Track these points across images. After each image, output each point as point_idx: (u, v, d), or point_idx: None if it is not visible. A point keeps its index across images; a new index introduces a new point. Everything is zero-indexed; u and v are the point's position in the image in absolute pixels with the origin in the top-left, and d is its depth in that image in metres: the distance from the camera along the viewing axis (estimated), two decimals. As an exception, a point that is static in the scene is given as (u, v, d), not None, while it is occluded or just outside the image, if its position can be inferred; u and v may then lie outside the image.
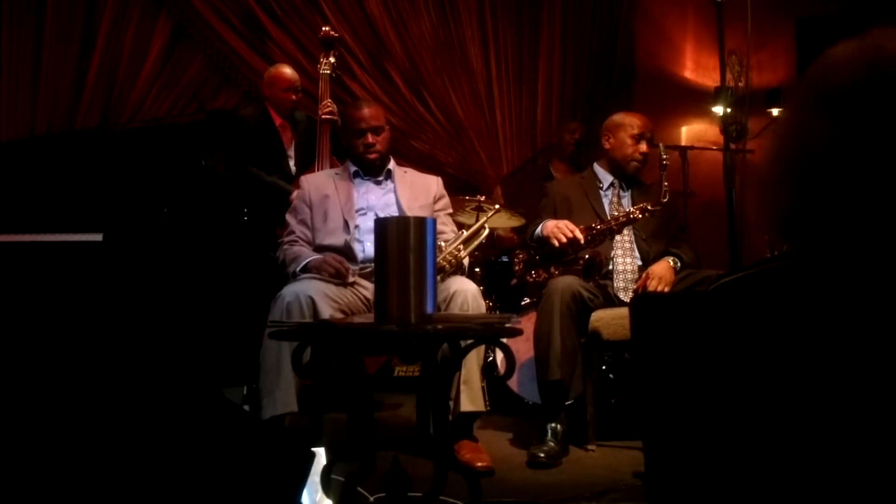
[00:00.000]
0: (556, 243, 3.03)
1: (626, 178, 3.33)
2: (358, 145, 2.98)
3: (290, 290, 2.68)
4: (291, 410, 2.65)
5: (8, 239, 2.79)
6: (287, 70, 4.22)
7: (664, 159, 3.16)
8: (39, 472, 1.41)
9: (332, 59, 3.96)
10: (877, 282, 0.85)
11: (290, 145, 4.18)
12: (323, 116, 3.86)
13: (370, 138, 2.96)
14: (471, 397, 2.71)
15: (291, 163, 4.12)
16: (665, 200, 3.10)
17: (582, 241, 3.04)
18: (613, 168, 3.34)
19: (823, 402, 0.86)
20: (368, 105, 3.08)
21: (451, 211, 3.11)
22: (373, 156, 2.96)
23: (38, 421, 1.48)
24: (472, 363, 2.68)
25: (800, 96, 0.96)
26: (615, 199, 3.31)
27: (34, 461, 1.42)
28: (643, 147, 3.29)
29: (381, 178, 3.07)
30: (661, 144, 3.25)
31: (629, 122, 3.33)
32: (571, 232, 3.03)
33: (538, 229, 3.16)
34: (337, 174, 3.09)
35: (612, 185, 3.34)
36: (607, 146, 3.35)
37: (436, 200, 3.04)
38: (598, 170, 3.39)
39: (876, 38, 0.92)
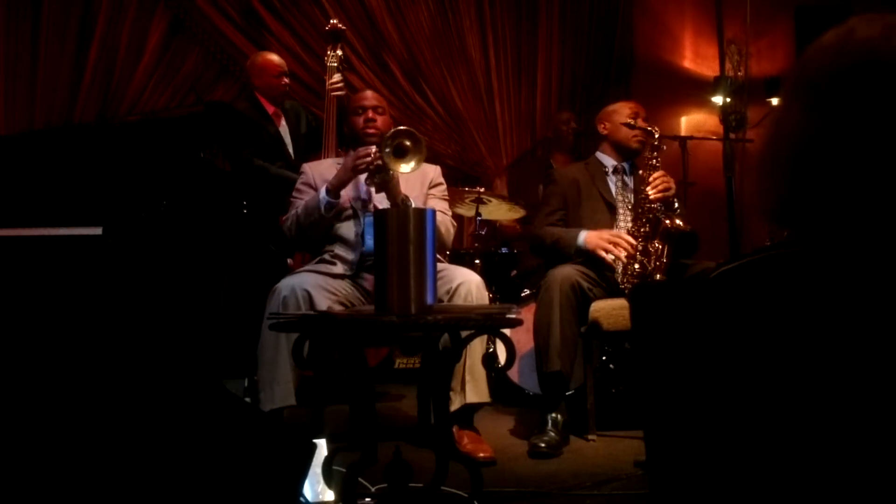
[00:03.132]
0: (619, 257, 2.98)
1: (630, 157, 3.34)
2: (358, 122, 3.03)
3: (286, 284, 2.68)
4: (289, 404, 2.66)
5: (8, 233, 2.79)
6: (274, 56, 4.23)
7: (655, 151, 3.16)
8: (41, 462, 1.42)
9: (339, 52, 3.95)
10: (873, 268, 0.85)
11: (286, 133, 4.18)
12: (332, 94, 3.84)
13: (370, 114, 3.03)
14: (475, 388, 2.72)
15: (290, 150, 4.12)
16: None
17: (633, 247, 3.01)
18: (617, 149, 3.34)
19: (824, 389, 0.86)
20: (371, 91, 3.21)
21: (446, 196, 3.11)
22: (371, 130, 2.98)
23: (40, 414, 1.48)
24: (477, 354, 2.68)
25: (790, 85, 0.97)
26: (620, 184, 3.32)
27: (36, 452, 1.42)
28: (640, 123, 3.32)
29: (379, 189, 3.07)
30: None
31: (620, 108, 3.39)
32: (627, 245, 2.99)
33: (580, 240, 3.07)
34: (338, 164, 3.09)
35: (616, 169, 3.35)
36: (605, 131, 3.38)
37: (431, 186, 3.05)
38: (601, 156, 3.39)
39: (850, 25, 0.93)
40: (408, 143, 2.71)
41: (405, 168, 2.71)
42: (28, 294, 2.72)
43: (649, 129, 3.24)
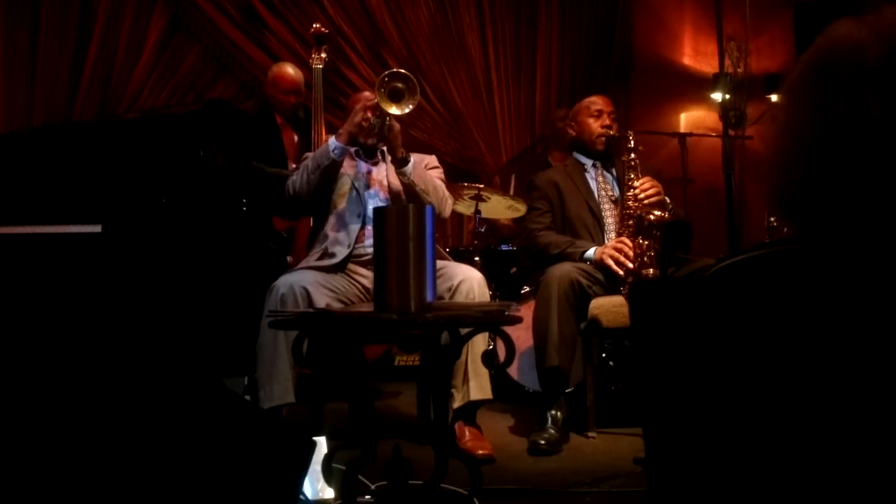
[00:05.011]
0: (622, 268, 2.97)
1: (600, 157, 3.35)
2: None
3: (285, 281, 2.69)
4: (288, 402, 2.66)
5: (7, 231, 2.79)
6: (289, 70, 4.14)
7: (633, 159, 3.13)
8: (41, 461, 1.42)
9: (323, 55, 3.99)
10: (881, 266, 0.85)
11: (292, 145, 4.15)
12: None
13: (369, 113, 3.02)
14: (479, 385, 2.73)
15: (292, 165, 4.08)
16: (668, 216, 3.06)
17: (632, 254, 3.00)
18: (586, 151, 3.35)
19: (823, 386, 0.86)
20: (371, 92, 3.17)
21: (443, 178, 3.12)
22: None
23: (39, 412, 1.48)
24: (479, 351, 2.69)
25: (810, 77, 0.95)
26: (601, 179, 3.32)
27: (36, 450, 1.42)
28: (605, 120, 3.31)
29: (377, 159, 3.09)
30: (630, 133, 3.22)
31: (586, 104, 3.39)
32: (629, 249, 2.98)
33: (590, 253, 3.07)
34: None
35: (594, 165, 3.35)
36: (573, 133, 3.40)
37: (428, 169, 3.06)
38: (578, 156, 3.40)
39: (891, 17, 0.92)
40: (401, 85, 2.76)
41: (397, 111, 2.76)
42: (27, 292, 2.72)
43: (611, 134, 3.25)
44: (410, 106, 2.76)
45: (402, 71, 2.81)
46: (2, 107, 5.13)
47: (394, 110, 2.76)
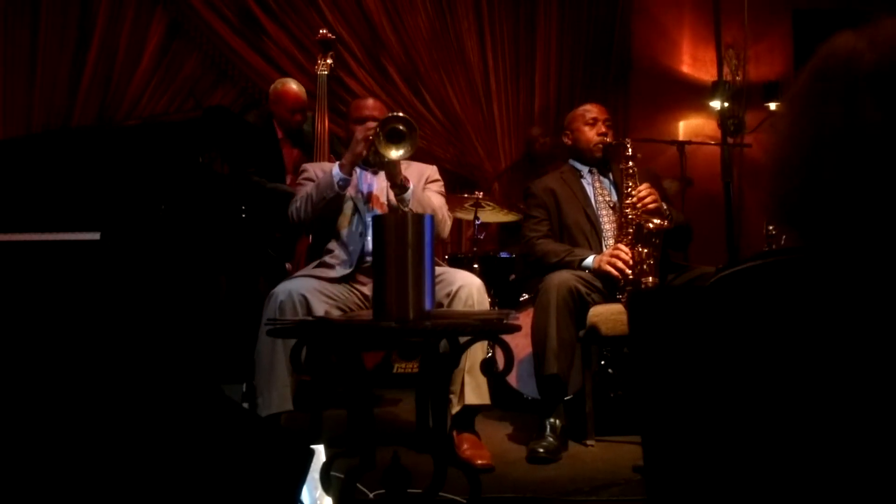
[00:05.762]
0: (621, 273, 2.98)
1: (597, 164, 3.35)
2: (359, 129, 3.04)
3: (283, 289, 2.68)
4: (286, 409, 2.65)
5: (6, 238, 2.78)
6: (293, 87, 4.12)
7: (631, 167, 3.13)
8: (37, 468, 1.41)
9: (329, 61, 3.97)
10: (882, 274, 0.85)
11: (291, 159, 4.14)
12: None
13: (370, 124, 3.01)
14: (476, 390, 2.72)
15: (289, 179, 4.08)
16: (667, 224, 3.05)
17: (631, 260, 3.00)
18: (583, 159, 3.36)
19: (824, 396, 0.85)
20: (374, 99, 3.21)
21: (443, 192, 3.11)
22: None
23: (38, 419, 1.48)
24: (477, 357, 2.68)
25: (808, 85, 0.96)
26: (598, 185, 3.32)
27: (33, 457, 1.42)
28: (600, 128, 3.32)
29: (378, 168, 3.10)
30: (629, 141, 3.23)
31: (582, 111, 3.39)
32: (626, 255, 2.99)
33: (588, 261, 3.08)
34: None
35: (590, 171, 3.35)
36: (569, 142, 3.40)
37: (428, 182, 3.06)
38: (574, 163, 3.41)
39: (889, 27, 0.93)
40: (402, 128, 2.74)
41: (396, 154, 2.74)
42: (26, 299, 2.72)
43: (608, 141, 3.25)
44: (405, 149, 2.73)
45: (402, 115, 2.78)
46: (1, 108, 5.13)
47: (392, 153, 2.73)
